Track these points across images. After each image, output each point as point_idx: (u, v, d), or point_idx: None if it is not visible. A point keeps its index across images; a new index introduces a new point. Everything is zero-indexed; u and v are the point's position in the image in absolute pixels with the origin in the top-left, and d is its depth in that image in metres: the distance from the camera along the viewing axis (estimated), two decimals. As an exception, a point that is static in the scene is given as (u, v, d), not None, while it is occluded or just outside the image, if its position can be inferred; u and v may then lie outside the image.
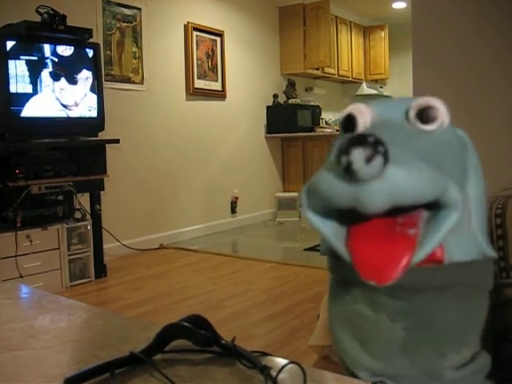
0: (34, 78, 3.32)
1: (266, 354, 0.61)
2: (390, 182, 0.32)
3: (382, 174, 0.33)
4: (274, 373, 0.53)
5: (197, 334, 0.61)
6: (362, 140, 0.33)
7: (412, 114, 0.39)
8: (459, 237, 0.38)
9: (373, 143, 0.33)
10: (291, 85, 6.30)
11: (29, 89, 3.30)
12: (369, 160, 0.32)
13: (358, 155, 0.32)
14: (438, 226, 0.35)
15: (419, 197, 0.34)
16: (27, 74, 3.29)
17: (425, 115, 0.38)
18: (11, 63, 3.20)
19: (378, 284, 0.35)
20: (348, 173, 0.33)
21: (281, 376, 0.52)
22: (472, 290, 0.40)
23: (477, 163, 0.42)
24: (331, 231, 0.39)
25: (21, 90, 3.26)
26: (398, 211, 0.35)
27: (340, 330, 0.44)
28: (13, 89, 3.22)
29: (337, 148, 0.37)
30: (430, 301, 0.38)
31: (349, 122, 0.40)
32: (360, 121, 0.40)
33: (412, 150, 0.36)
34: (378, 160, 0.32)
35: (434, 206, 0.36)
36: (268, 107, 6.12)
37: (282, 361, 0.58)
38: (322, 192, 0.36)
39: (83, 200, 3.67)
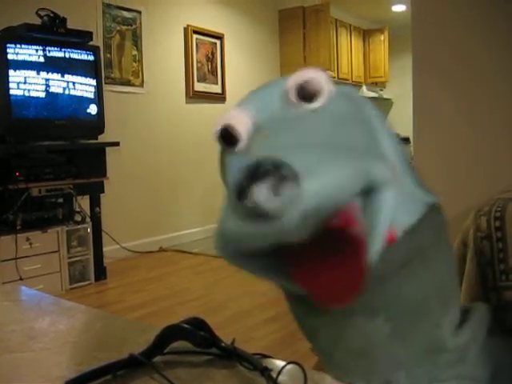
0: (34, 80, 3.33)
1: (266, 356, 0.61)
2: (311, 199, 0.26)
3: (299, 195, 0.26)
4: (274, 374, 0.53)
5: (196, 335, 0.61)
6: (257, 173, 0.26)
7: (292, 95, 0.32)
8: (400, 202, 0.32)
9: (272, 170, 0.26)
10: (291, 87, 6.31)
11: (29, 91, 3.30)
12: (277, 192, 0.26)
13: (260, 194, 0.26)
14: (378, 210, 0.30)
15: (347, 195, 0.28)
16: (27, 76, 3.29)
17: (306, 92, 0.31)
18: (11, 65, 3.20)
19: (345, 306, 0.30)
20: (257, 217, 0.26)
21: (281, 378, 0.52)
22: (433, 248, 0.36)
23: (378, 115, 0.35)
24: (270, 270, 0.32)
25: (21, 93, 3.26)
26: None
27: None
28: (13, 91, 3.22)
29: (231, 184, 0.28)
30: (399, 282, 0.34)
31: (227, 137, 0.32)
32: (240, 130, 0.32)
33: (312, 142, 0.30)
34: (288, 186, 0.26)
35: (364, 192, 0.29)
36: (268, 110, 6.12)
37: (282, 363, 0.57)
38: (235, 241, 0.28)
39: (83, 203, 3.67)
